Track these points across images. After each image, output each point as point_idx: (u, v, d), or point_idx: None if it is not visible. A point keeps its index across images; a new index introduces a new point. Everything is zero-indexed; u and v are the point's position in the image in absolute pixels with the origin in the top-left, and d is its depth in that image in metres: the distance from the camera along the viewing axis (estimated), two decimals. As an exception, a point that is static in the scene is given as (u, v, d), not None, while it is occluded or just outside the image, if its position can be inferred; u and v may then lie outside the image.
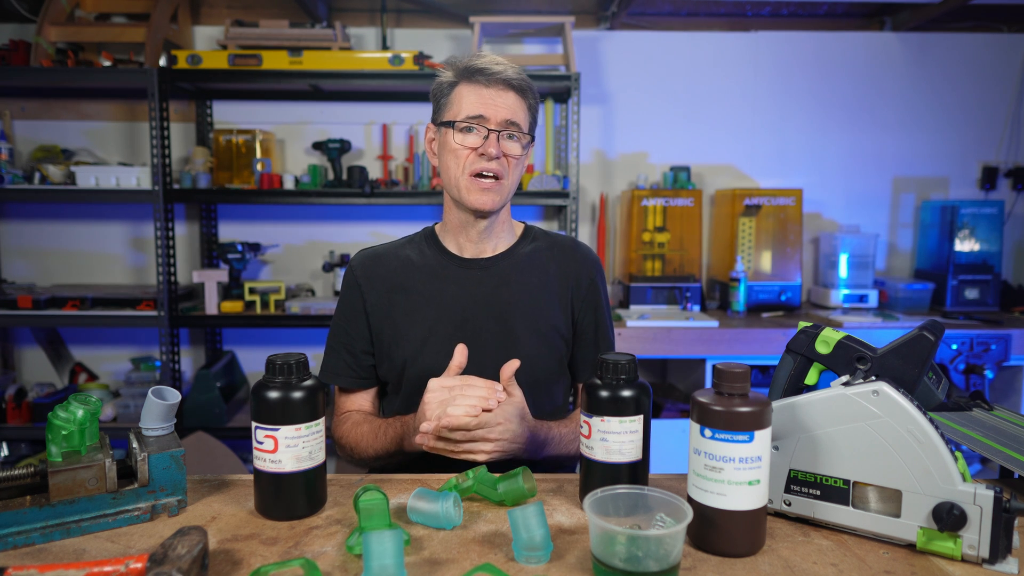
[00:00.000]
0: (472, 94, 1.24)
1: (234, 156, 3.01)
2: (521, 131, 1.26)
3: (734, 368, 0.82)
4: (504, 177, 1.25)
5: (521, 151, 1.27)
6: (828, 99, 3.26)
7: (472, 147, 1.24)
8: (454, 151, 1.25)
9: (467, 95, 1.24)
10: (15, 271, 3.20)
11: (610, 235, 3.28)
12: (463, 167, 1.24)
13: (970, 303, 2.99)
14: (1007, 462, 0.94)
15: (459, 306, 1.30)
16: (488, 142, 1.22)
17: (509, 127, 1.24)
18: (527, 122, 1.29)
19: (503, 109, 1.24)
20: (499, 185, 1.25)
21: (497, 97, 1.24)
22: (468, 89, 1.25)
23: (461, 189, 1.25)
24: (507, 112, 1.24)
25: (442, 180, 1.31)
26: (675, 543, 0.74)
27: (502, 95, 1.24)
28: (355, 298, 1.34)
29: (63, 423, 0.88)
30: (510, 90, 1.25)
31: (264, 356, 1.38)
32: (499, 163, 1.24)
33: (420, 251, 1.36)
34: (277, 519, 0.91)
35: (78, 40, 2.85)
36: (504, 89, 1.25)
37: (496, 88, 1.24)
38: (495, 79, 1.24)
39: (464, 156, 1.24)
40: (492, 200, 1.25)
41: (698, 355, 2.66)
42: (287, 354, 0.93)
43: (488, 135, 1.23)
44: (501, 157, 1.24)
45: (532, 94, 1.29)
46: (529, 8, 3.24)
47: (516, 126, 1.25)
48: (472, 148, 1.24)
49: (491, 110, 1.23)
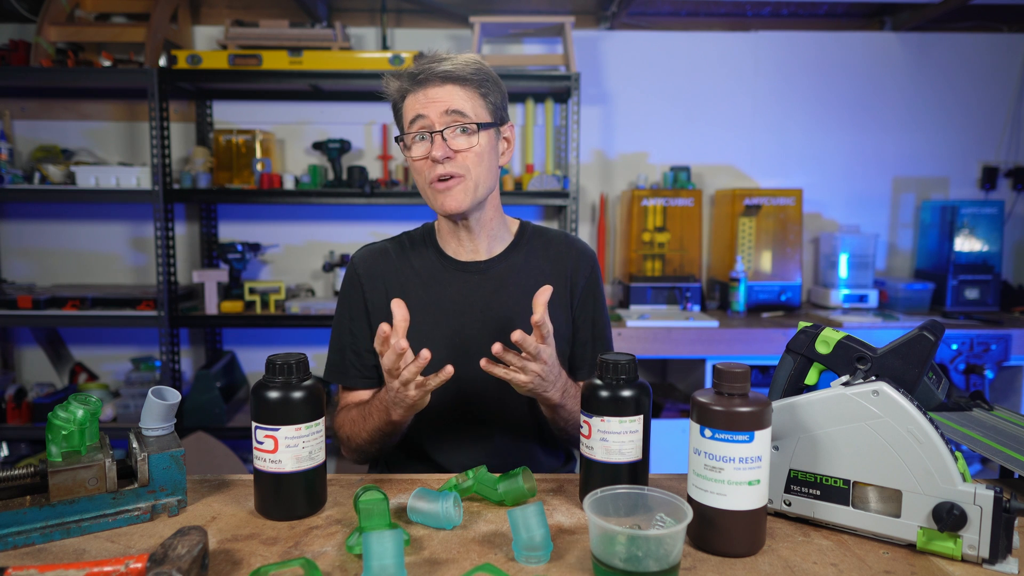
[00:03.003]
0: (411, 100, 1.21)
1: (234, 156, 3.01)
2: (468, 119, 1.19)
3: (734, 368, 0.82)
4: (464, 174, 1.19)
5: (471, 142, 1.19)
6: (828, 99, 3.26)
7: (424, 156, 1.20)
8: (414, 167, 1.23)
9: (408, 104, 1.21)
10: (15, 271, 3.20)
11: (610, 235, 3.28)
12: (425, 178, 1.21)
13: (970, 303, 2.99)
14: (1007, 462, 0.94)
15: (457, 311, 1.29)
16: (434, 145, 1.18)
17: (454, 118, 1.18)
18: (481, 109, 1.21)
19: (440, 104, 1.18)
20: (461, 182, 1.20)
21: (433, 93, 1.19)
22: (409, 98, 1.21)
23: (430, 199, 1.23)
24: (444, 105, 1.18)
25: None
26: (675, 543, 0.74)
27: (438, 90, 1.19)
28: (357, 296, 1.33)
29: (63, 423, 0.88)
30: (446, 83, 1.19)
31: (264, 356, 1.38)
32: (453, 163, 1.18)
33: (420, 252, 1.34)
34: (277, 519, 0.91)
35: (78, 40, 2.85)
36: (439, 84, 1.19)
37: (431, 86, 1.19)
38: (427, 77, 1.19)
39: (422, 168, 1.21)
40: (457, 199, 1.20)
41: (698, 355, 2.66)
42: (287, 354, 0.93)
43: (432, 139, 1.18)
44: (452, 155, 1.18)
45: (479, 82, 1.22)
46: (529, 8, 3.24)
47: (459, 114, 1.18)
48: (424, 157, 1.20)
49: (428, 107, 1.18)
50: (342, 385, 1.35)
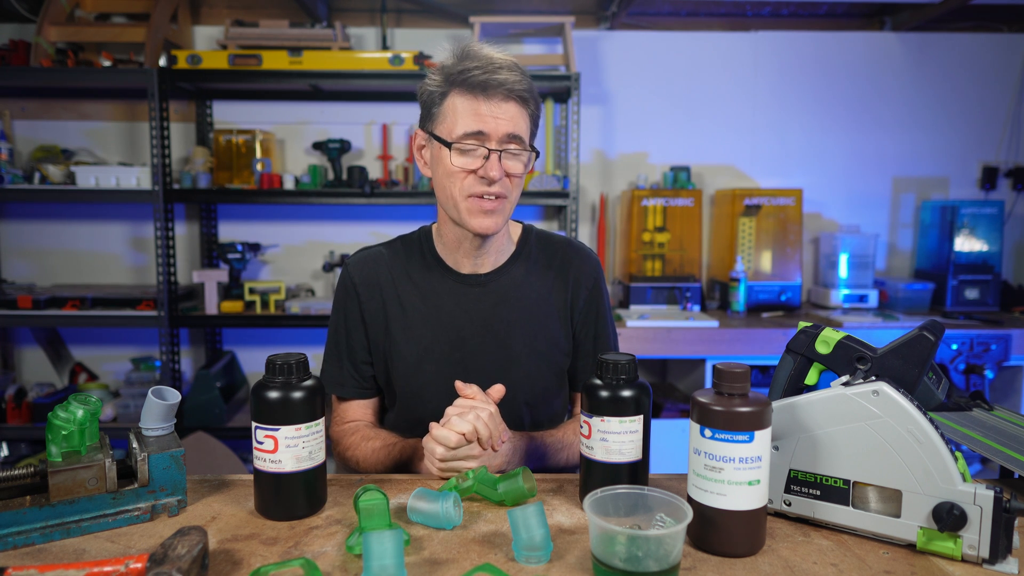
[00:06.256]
0: (468, 107, 1.12)
1: (234, 156, 3.01)
2: (524, 146, 1.15)
3: (734, 368, 0.82)
4: (506, 196, 1.16)
5: (523, 168, 1.17)
6: (828, 99, 3.26)
7: (471, 169, 1.13)
8: (451, 173, 1.14)
9: (462, 108, 1.12)
10: (15, 271, 3.20)
11: (610, 235, 3.28)
12: (461, 189, 1.14)
13: (970, 303, 2.99)
14: (1007, 462, 0.94)
15: (456, 325, 1.25)
16: (489, 164, 1.11)
17: (511, 142, 1.13)
18: (528, 132, 1.17)
19: (504, 123, 1.12)
20: (501, 206, 1.15)
21: (496, 109, 1.12)
22: (463, 100, 1.13)
23: (461, 212, 1.16)
24: (508, 126, 1.12)
25: (437, 195, 1.21)
26: (675, 543, 0.74)
27: (502, 106, 1.12)
28: (352, 306, 1.29)
29: (63, 423, 0.88)
30: (511, 100, 1.13)
31: (264, 356, 1.38)
32: (501, 184, 1.14)
33: (417, 261, 1.29)
34: (277, 519, 0.91)
35: (78, 40, 2.85)
36: (504, 99, 1.12)
37: (496, 100, 1.12)
38: (494, 90, 1.11)
39: (462, 178, 1.14)
40: (495, 223, 1.16)
41: (698, 355, 2.66)
42: (287, 354, 0.93)
43: (489, 155, 1.12)
44: (503, 179, 1.14)
45: (535, 101, 1.18)
46: (529, 8, 3.24)
47: (518, 139, 1.14)
48: (471, 171, 1.13)
49: (490, 125, 1.11)
50: (337, 396, 1.33)
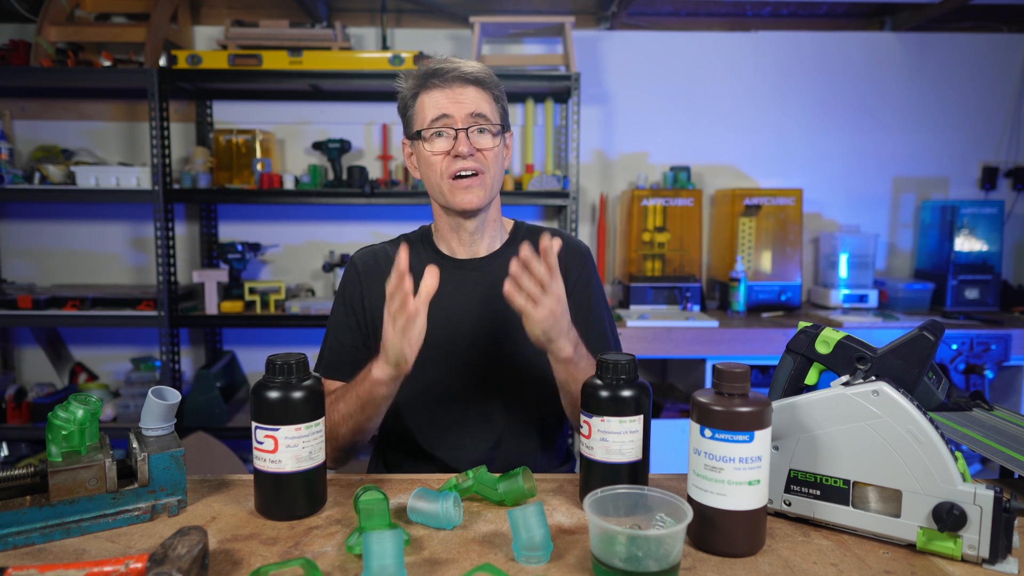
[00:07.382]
0: (432, 99, 1.24)
1: (234, 156, 3.01)
2: (490, 122, 1.25)
3: (734, 368, 0.82)
4: (484, 172, 1.24)
5: (494, 142, 1.26)
6: (828, 99, 3.26)
7: (445, 151, 1.23)
8: (429, 161, 1.25)
9: (428, 102, 1.24)
10: (15, 271, 3.20)
11: (610, 235, 3.28)
12: (440, 173, 1.24)
13: (970, 303, 2.99)
14: (1007, 462, 0.94)
15: (454, 308, 1.29)
16: (459, 141, 1.22)
17: (477, 120, 1.24)
18: (495, 113, 1.27)
19: (466, 104, 1.23)
20: (480, 181, 1.24)
21: (458, 95, 1.23)
22: (428, 96, 1.25)
23: (445, 193, 1.25)
24: (471, 106, 1.23)
25: (427, 190, 1.31)
26: (675, 543, 0.74)
27: (462, 91, 1.24)
28: (355, 294, 1.34)
29: (63, 423, 0.88)
30: (469, 85, 1.24)
31: (264, 356, 1.38)
32: (475, 160, 1.23)
33: (417, 252, 1.34)
34: (277, 519, 0.91)
35: (78, 40, 2.85)
36: (463, 85, 1.24)
37: (455, 86, 1.24)
38: (451, 77, 1.24)
39: (439, 162, 1.24)
40: (477, 197, 1.24)
41: (698, 355, 2.66)
42: (287, 354, 0.93)
43: (457, 135, 1.22)
44: (475, 153, 1.23)
45: (494, 85, 1.29)
46: (529, 8, 3.24)
47: (483, 117, 1.24)
48: (445, 152, 1.23)
49: (454, 107, 1.23)
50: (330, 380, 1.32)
